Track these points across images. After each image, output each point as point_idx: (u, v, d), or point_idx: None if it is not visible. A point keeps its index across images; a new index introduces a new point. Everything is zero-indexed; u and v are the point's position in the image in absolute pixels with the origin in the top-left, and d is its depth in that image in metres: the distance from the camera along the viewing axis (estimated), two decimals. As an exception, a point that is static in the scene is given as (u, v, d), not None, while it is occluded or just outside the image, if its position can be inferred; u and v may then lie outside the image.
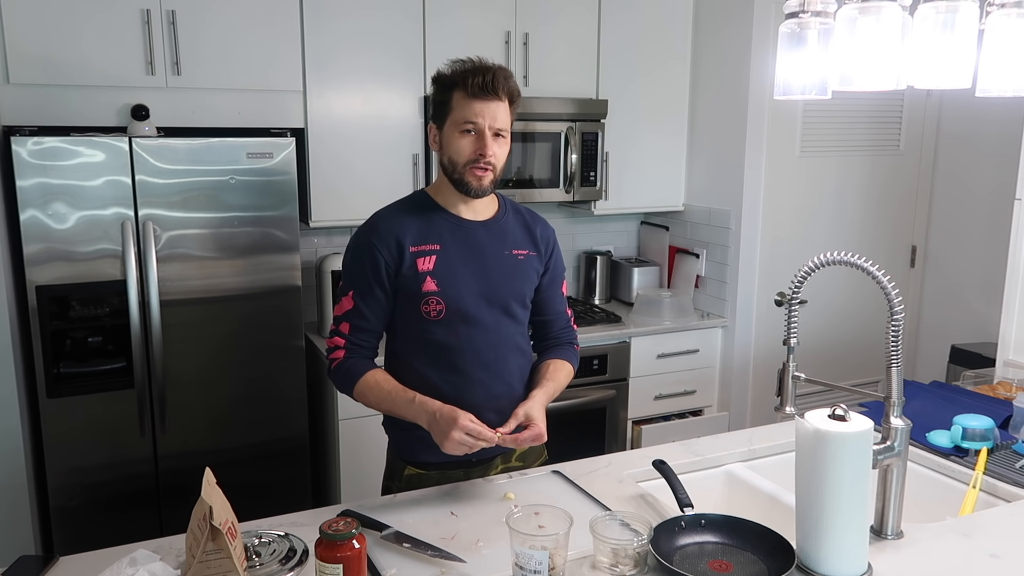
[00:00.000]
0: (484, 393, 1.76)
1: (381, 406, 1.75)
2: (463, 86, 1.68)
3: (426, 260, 1.73)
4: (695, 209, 3.71)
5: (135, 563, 1.31)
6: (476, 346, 1.76)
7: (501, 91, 1.68)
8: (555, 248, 1.92)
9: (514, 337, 1.82)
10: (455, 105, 1.70)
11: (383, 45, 3.08)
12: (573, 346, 1.95)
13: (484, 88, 1.67)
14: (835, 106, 3.50)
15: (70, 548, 1.66)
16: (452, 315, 1.73)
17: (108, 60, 2.69)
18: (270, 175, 2.74)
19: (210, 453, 2.76)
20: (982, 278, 3.61)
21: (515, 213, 1.88)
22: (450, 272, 1.73)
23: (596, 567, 1.42)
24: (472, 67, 1.69)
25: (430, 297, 1.72)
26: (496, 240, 1.80)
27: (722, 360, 3.62)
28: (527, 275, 1.83)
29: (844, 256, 1.49)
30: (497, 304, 1.77)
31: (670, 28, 3.58)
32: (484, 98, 1.67)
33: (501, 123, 1.70)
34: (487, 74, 1.67)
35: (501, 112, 1.70)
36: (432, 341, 1.75)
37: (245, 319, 2.80)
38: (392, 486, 1.86)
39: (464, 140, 1.70)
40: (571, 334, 1.96)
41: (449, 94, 1.71)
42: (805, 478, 1.39)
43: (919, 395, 2.20)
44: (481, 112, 1.68)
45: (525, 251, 1.83)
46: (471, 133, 1.69)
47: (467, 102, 1.68)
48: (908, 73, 1.53)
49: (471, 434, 1.57)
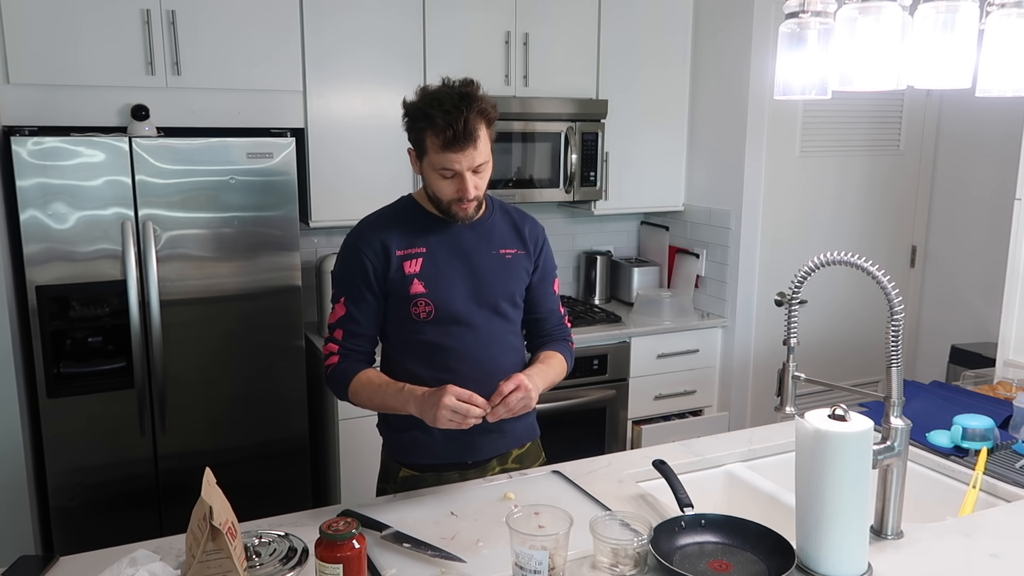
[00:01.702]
0: (477, 392, 1.73)
1: (372, 401, 1.74)
2: (435, 134, 1.63)
3: (413, 263, 1.74)
4: (695, 209, 3.71)
5: (135, 563, 1.31)
6: (468, 345, 1.76)
7: (474, 135, 1.63)
8: (545, 246, 1.90)
9: (506, 336, 1.82)
10: (429, 148, 1.66)
11: (383, 45, 3.08)
12: (567, 343, 1.94)
13: (457, 140, 1.61)
14: (835, 106, 3.50)
15: (70, 548, 1.66)
16: (442, 316, 1.74)
17: (108, 60, 2.69)
18: (270, 175, 2.74)
19: (210, 453, 2.76)
20: (982, 278, 3.61)
21: (502, 212, 1.86)
22: (437, 274, 1.74)
23: (596, 567, 1.42)
24: (441, 112, 1.60)
25: (419, 299, 1.73)
26: (483, 240, 1.79)
27: (722, 360, 3.62)
28: (516, 274, 1.82)
29: (844, 256, 1.49)
30: (486, 304, 1.78)
31: (670, 28, 3.58)
32: (460, 149, 1.63)
33: (480, 159, 1.67)
34: (457, 123, 1.60)
35: (479, 151, 1.65)
36: (424, 342, 1.76)
37: (245, 319, 2.80)
38: (387, 488, 1.86)
39: (444, 183, 1.68)
40: (565, 331, 1.95)
41: (422, 135, 1.66)
42: (805, 478, 1.39)
43: (919, 395, 2.20)
44: (458, 160, 1.64)
45: (513, 250, 1.82)
46: (451, 177, 1.67)
47: (442, 152, 1.64)
48: (908, 73, 1.53)
49: (461, 399, 1.56)
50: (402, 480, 1.83)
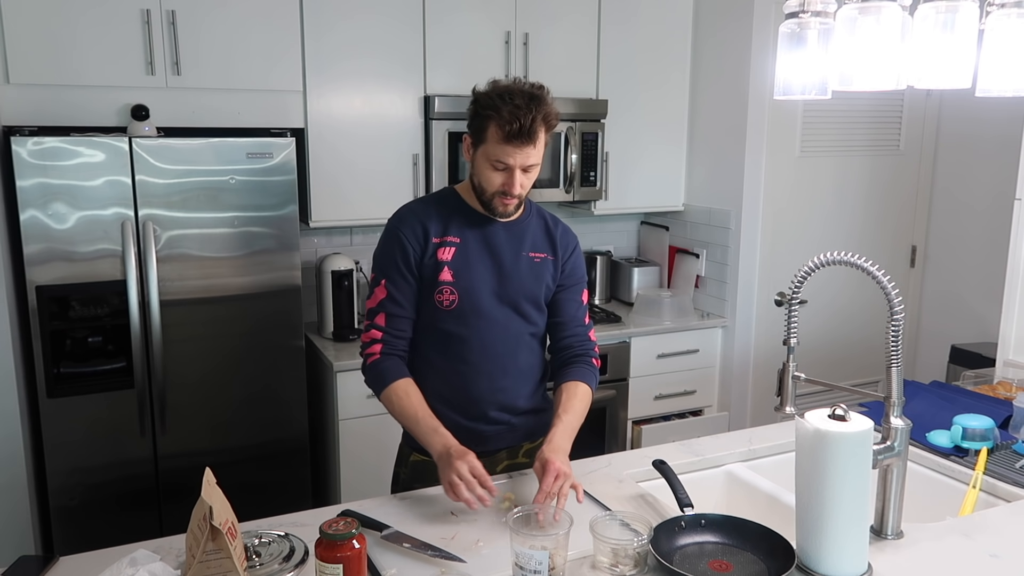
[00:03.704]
0: (489, 385, 1.80)
1: (402, 420, 1.76)
2: (499, 125, 1.66)
3: (446, 251, 1.77)
4: (695, 209, 3.71)
5: (135, 563, 1.31)
6: (485, 339, 1.79)
7: (536, 136, 1.67)
8: (575, 254, 1.90)
9: (524, 335, 1.84)
10: (489, 138, 1.69)
11: (383, 45, 3.08)
12: (590, 359, 1.88)
13: (520, 135, 1.65)
14: (835, 106, 3.50)
15: (70, 548, 1.66)
16: (464, 307, 1.77)
17: (108, 60, 2.69)
18: (270, 175, 2.74)
19: (210, 453, 2.76)
20: (982, 278, 3.61)
21: (538, 217, 1.89)
22: (466, 265, 1.77)
23: (596, 567, 1.42)
24: (511, 106, 1.64)
25: (444, 287, 1.76)
26: (515, 240, 1.82)
27: (722, 360, 3.62)
28: (541, 277, 1.84)
29: (844, 256, 1.49)
30: (508, 301, 1.80)
31: (670, 28, 3.58)
32: (519, 144, 1.66)
33: (534, 160, 1.70)
34: (525, 119, 1.63)
35: (535, 151, 1.69)
36: (444, 330, 1.79)
37: (245, 319, 2.80)
38: (400, 472, 1.92)
39: (494, 174, 1.71)
40: (588, 345, 1.89)
41: (485, 123, 1.69)
42: (805, 478, 1.39)
43: (919, 395, 2.20)
44: (514, 155, 1.67)
45: (543, 254, 1.85)
46: (502, 170, 1.70)
47: (501, 144, 1.67)
48: (908, 73, 1.53)
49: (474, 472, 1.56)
50: (413, 464, 1.87)
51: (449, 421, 1.74)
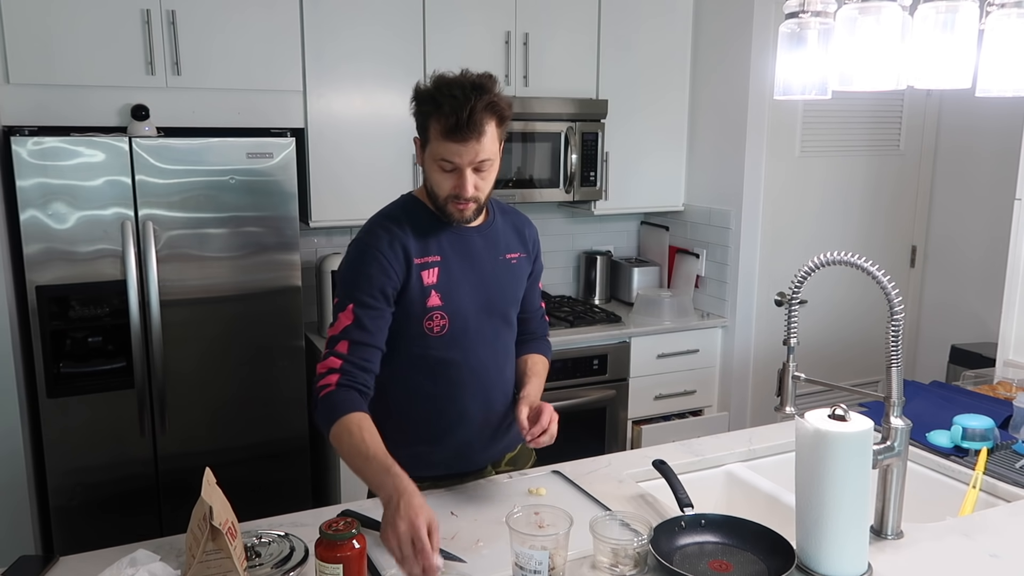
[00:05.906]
0: (483, 404, 1.75)
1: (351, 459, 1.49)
2: (438, 120, 1.53)
3: (430, 273, 1.64)
4: (695, 209, 3.71)
5: (135, 563, 1.31)
6: (478, 358, 1.72)
7: (480, 128, 1.52)
8: (538, 246, 1.88)
9: (509, 346, 1.82)
10: (432, 137, 1.56)
11: (383, 43, 3.08)
12: (545, 339, 1.96)
13: (461, 128, 1.50)
14: (835, 106, 3.50)
15: (70, 548, 1.66)
16: (455, 330, 1.67)
17: (108, 60, 2.69)
18: (270, 175, 2.74)
19: (210, 453, 2.76)
20: (982, 278, 3.61)
21: (503, 214, 1.80)
22: (453, 285, 1.66)
23: (596, 567, 1.42)
24: (449, 98, 1.51)
25: (434, 312, 1.64)
26: (491, 246, 1.74)
27: (722, 360, 3.61)
28: (519, 278, 1.81)
29: (844, 256, 1.49)
30: (497, 313, 1.74)
31: (670, 28, 3.58)
32: (462, 139, 1.52)
33: (484, 155, 1.56)
34: (462, 111, 1.49)
35: (482, 146, 1.54)
36: (434, 357, 1.68)
37: (245, 319, 2.79)
38: None
39: (442, 176, 1.58)
40: (544, 327, 1.97)
41: (427, 120, 1.56)
42: (805, 478, 1.39)
43: (919, 395, 2.20)
44: (459, 152, 1.54)
45: (517, 254, 1.79)
46: (451, 171, 1.57)
47: (443, 141, 1.53)
48: (908, 73, 1.53)
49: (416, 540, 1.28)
50: None
51: (443, 448, 1.72)
